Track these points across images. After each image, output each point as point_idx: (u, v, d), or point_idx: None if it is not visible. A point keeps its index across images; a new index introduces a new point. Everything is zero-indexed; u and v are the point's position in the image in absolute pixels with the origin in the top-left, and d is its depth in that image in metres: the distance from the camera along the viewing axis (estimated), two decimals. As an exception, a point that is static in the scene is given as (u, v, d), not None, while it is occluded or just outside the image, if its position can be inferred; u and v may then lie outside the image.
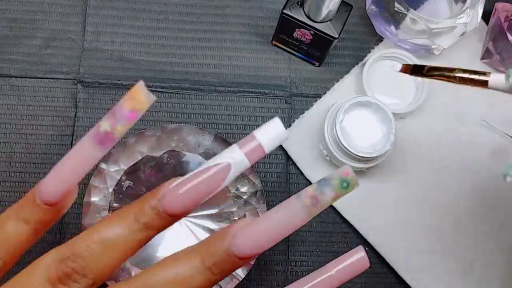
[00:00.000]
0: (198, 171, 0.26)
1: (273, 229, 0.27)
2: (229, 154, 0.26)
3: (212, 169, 0.26)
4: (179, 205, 0.26)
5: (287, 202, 0.27)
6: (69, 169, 0.26)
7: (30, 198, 0.27)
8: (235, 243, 0.26)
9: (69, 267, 0.25)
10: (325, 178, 0.27)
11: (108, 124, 0.24)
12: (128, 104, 0.24)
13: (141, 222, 0.26)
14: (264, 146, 0.26)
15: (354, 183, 0.27)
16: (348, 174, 0.27)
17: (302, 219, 0.27)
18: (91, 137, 0.25)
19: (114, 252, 0.26)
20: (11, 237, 0.27)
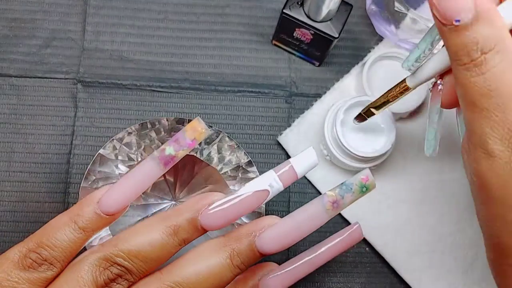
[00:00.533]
0: (239, 195, 0.28)
1: (296, 230, 0.28)
2: (268, 181, 0.29)
3: (253, 196, 0.28)
4: (218, 224, 0.28)
5: (310, 205, 0.29)
6: (133, 185, 0.29)
7: (88, 207, 0.28)
8: (260, 242, 0.28)
9: (114, 273, 0.27)
10: (346, 183, 0.29)
11: (173, 150, 0.29)
12: (191, 135, 0.29)
13: (180, 237, 0.28)
14: (298, 173, 0.29)
15: (372, 186, 0.29)
16: (368, 179, 0.29)
17: (322, 221, 0.29)
18: (157, 158, 0.29)
19: (153, 263, 0.28)
20: (70, 243, 0.28)
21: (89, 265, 0.27)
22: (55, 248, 0.27)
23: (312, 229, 0.29)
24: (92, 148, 0.42)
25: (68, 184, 0.42)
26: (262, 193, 0.29)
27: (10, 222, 0.41)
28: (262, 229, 0.28)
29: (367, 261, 0.42)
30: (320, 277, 0.42)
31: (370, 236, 0.42)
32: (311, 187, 0.43)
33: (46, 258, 0.27)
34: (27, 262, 0.27)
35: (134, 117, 0.43)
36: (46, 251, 0.27)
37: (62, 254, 0.27)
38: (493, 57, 0.24)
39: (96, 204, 0.28)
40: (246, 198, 0.28)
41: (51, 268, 0.27)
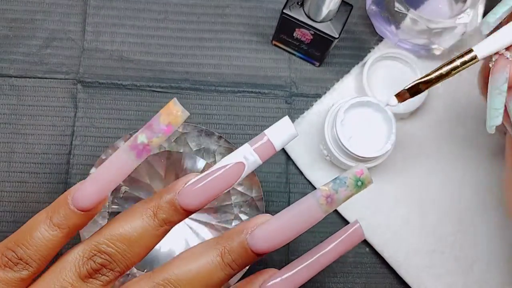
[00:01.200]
0: (214, 169, 0.27)
1: (289, 227, 0.28)
2: (242, 153, 0.27)
3: (227, 168, 0.27)
4: (196, 201, 0.27)
5: (303, 201, 0.28)
6: (106, 178, 0.28)
7: (62, 203, 0.28)
8: (252, 240, 0.27)
9: (97, 263, 0.27)
10: (340, 177, 0.28)
11: (145, 137, 0.26)
12: (165, 119, 0.26)
13: (160, 218, 0.27)
14: (274, 144, 0.27)
15: (368, 181, 0.28)
16: (363, 173, 0.27)
17: (317, 217, 0.28)
18: (129, 148, 0.27)
19: (136, 248, 0.27)
20: (44, 241, 0.27)
21: (73, 256, 0.27)
22: (30, 246, 0.27)
23: (307, 225, 0.28)
24: (92, 149, 0.42)
25: (68, 185, 0.42)
26: (237, 166, 0.27)
27: (10, 223, 0.41)
28: (254, 226, 0.28)
29: (367, 261, 0.42)
30: (321, 277, 0.42)
31: (370, 236, 0.42)
32: (311, 187, 0.43)
33: (21, 257, 0.27)
34: (3, 261, 0.27)
35: (134, 118, 0.43)
36: (22, 250, 0.27)
37: (38, 253, 0.27)
38: None
39: (70, 200, 0.27)
40: (221, 172, 0.27)
41: (26, 268, 0.27)
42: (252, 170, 0.28)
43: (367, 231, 0.42)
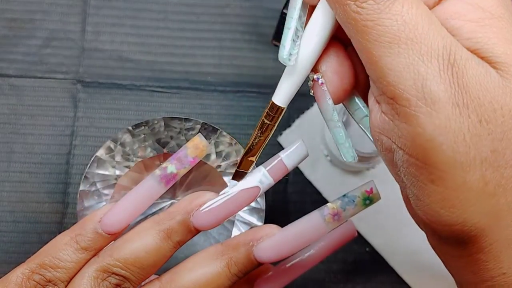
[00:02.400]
0: (230, 194, 0.28)
1: (294, 241, 0.28)
2: (258, 178, 0.28)
3: (244, 192, 0.28)
4: (211, 223, 0.29)
5: (309, 218, 0.29)
6: (135, 204, 0.29)
7: (89, 227, 0.29)
8: (258, 252, 0.28)
9: (112, 283, 0.27)
10: (348, 195, 0.28)
11: (175, 168, 0.29)
12: (192, 153, 0.29)
13: (174, 240, 0.28)
14: (288, 167, 0.29)
15: (377, 198, 0.29)
16: (372, 191, 0.28)
17: (322, 233, 0.29)
18: (159, 178, 0.29)
19: (150, 268, 0.28)
20: (73, 264, 0.28)
21: (88, 278, 0.27)
22: (58, 269, 0.27)
23: (311, 240, 0.29)
24: (92, 149, 0.42)
25: (68, 185, 0.42)
26: (253, 190, 0.28)
27: (9, 222, 0.41)
28: (260, 238, 0.29)
29: (367, 261, 0.42)
30: (321, 277, 0.42)
31: (370, 236, 0.42)
32: (311, 187, 0.43)
33: (50, 279, 0.27)
34: (31, 284, 0.27)
35: (134, 117, 0.43)
36: (50, 272, 0.27)
37: (66, 275, 0.28)
38: None
39: (97, 224, 0.28)
40: (237, 197, 0.28)
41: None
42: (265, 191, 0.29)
43: (367, 231, 0.42)
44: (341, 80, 0.24)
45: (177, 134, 0.38)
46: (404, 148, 0.21)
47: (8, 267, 0.40)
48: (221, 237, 0.39)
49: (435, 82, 0.20)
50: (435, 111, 0.20)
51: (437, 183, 0.21)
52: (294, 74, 0.25)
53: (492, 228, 0.21)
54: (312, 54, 0.24)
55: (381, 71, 0.21)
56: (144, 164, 0.38)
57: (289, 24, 0.24)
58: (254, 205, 0.37)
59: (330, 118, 0.25)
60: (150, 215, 0.39)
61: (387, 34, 0.20)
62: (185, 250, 0.38)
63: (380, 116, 0.22)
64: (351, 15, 0.21)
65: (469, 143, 0.20)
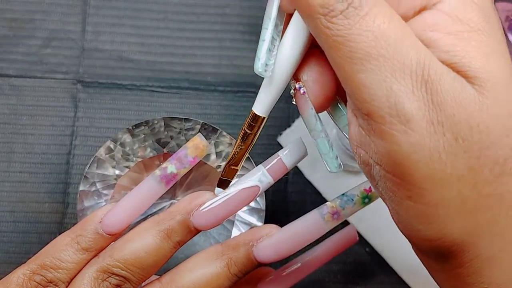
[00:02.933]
0: (230, 193, 0.28)
1: (294, 241, 0.28)
2: (257, 177, 0.29)
3: (244, 191, 0.28)
4: (211, 223, 0.29)
5: (309, 217, 0.29)
6: (135, 205, 0.29)
7: (89, 228, 0.29)
8: (258, 252, 0.28)
9: (112, 284, 0.27)
10: (347, 194, 0.28)
11: (175, 168, 0.29)
12: (192, 152, 0.29)
13: (174, 240, 0.28)
14: (287, 165, 0.29)
15: (375, 197, 0.29)
16: (371, 190, 0.28)
17: (321, 232, 0.29)
18: (159, 178, 0.29)
19: (150, 268, 0.28)
20: (74, 264, 0.28)
21: (88, 279, 0.27)
22: (59, 269, 0.27)
23: (311, 240, 0.29)
24: (92, 149, 0.42)
25: (68, 185, 0.42)
26: (252, 189, 0.28)
27: (9, 223, 0.41)
28: (260, 238, 0.29)
29: (367, 261, 0.42)
30: (321, 277, 0.42)
31: (370, 236, 0.42)
32: (311, 187, 0.43)
33: (51, 280, 0.27)
34: (32, 284, 0.27)
35: (134, 117, 0.43)
36: (51, 273, 0.27)
37: (67, 275, 0.28)
38: None
39: (98, 224, 0.28)
40: (237, 196, 0.28)
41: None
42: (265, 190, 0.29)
43: (367, 231, 0.42)
44: (323, 89, 0.24)
45: (177, 134, 0.38)
46: (380, 164, 0.21)
47: (8, 267, 0.40)
48: (221, 237, 0.39)
49: (408, 100, 0.19)
50: (410, 129, 0.19)
51: (414, 199, 0.20)
52: (272, 84, 0.25)
53: (473, 244, 0.21)
54: (290, 64, 0.24)
55: (355, 88, 0.20)
56: (144, 164, 0.38)
57: (263, 35, 0.23)
58: (254, 205, 0.37)
59: (313, 128, 0.25)
60: (150, 215, 0.39)
61: (358, 51, 0.20)
62: (185, 250, 0.38)
63: (358, 129, 0.22)
64: (322, 30, 0.20)
65: (445, 161, 0.20)
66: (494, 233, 0.21)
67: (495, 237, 0.21)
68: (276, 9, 0.23)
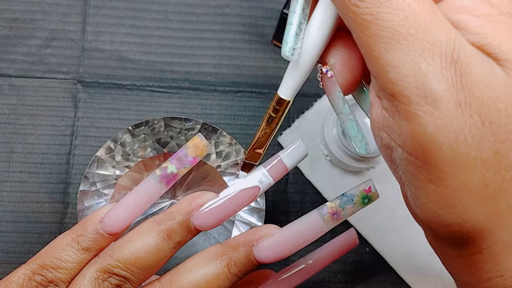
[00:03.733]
0: (230, 193, 0.28)
1: (294, 241, 0.28)
2: (258, 177, 0.29)
3: (244, 192, 0.28)
4: (211, 223, 0.29)
5: (309, 217, 0.29)
6: (135, 204, 0.29)
7: (89, 228, 0.29)
8: (258, 252, 0.28)
9: (113, 284, 0.27)
10: (347, 194, 0.28)
11: (175, 167, 0.29)
12: (193, 152, 0.29)
13: (175, 241, 0.28)
14: (287, 165, 0.29)
15: (375, 197, 0.29)
16: (370, 190, 0.28)
17: (320, 232, 0.29)
18: (159, 178, 0.29)
19: (150, 269, 0.28)
20: (75, 264, 0.28)
21: (88, 279, 0.27)
22: (60, 269, 0.27)
23: (311, 240, 0.29)
24: (92, 149, 0.42)
25: (68, 185, 0.42)
26: (253, 190, 0.28)
27: (10, 223, 0.41)
28: (260, 238, 0.29)
29: (367, 261, 0.42)
30: (321, 277, 0.42)
31: (370, 236, 0.42)
32: (311, 187, 0.43)
33: (51, 279, 0.27)
34: (32, 284, 0.27)
35: (134, 117, 0.43)
36: (51, 273, 0.27)
37: (67, 275, 0.28)
38: None
39: (98, 224, 0.28)
40: (237, 197, 0.28)
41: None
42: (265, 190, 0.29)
43: (367, 231, 0.42)
44: (350, 72, 0.24)
45: (177, 134, 0.38)
46: (403, 146, 0.21)
47: (8, 267, 0.41)
48: (221, 237, 0.39)
49: (436, 80, 0.19)
50: (436, 110, 0.19)
51: (436, 183, 0.20)
52: (299, 68, 0.24)
53: (492, 230, 0.21)
54: (317, 48, 0.24)
55: (381, 67, 0.20)
56: (144, 164, 0.38)
57: (291, 19, 0.23)
58: (254, 205, 0.37)
59: (341, 110, 0.25)
60: (150, 215, 0.39)
61: (387, 29, 0.19)
62: (185, 251, 0.38)
63: (381, 111, 0.21)
64: (350, 9, 0.20)
65: (470, 144, 0.19)
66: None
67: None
68: None
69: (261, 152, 0.28)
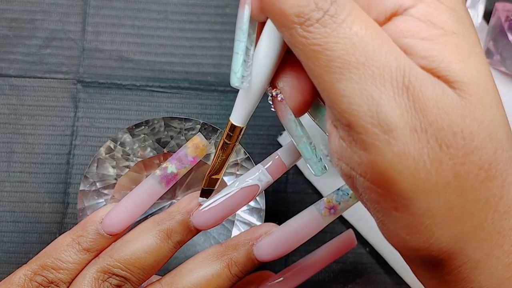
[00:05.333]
0: (230, 192, 0.28)
1: (293, 238, 0.29)
2: (257, 176, 0.29)
3: (243, 190, 0.28)
4: (211, 222, 0.29)
5: (306, 213, 0.29)
6: (135, 205, 0.29)
7: (90, 228, 0.29)
8: (258, 251, 0.28)
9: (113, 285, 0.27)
10: (342, 189, 0.29)
11: (175, 167, 0.29)
12: (192, 152, 0.29)
13: (175, 240, 0.28)
14: (286, 163, 0.29)
15: None
16: None
17: (319, 227, 0.29)
18: (159, 178, 0.29)
19: (151, 269, 0.28)
20: (75, 265, 0.29)
21: (89, 279, 0.27)
22: (60, 270, 0.28)
23: (310, 235, 0.29)
24: (92, 149, 0.42)
25: (68, 185, 0.42)
26: (252, 188, 0.29)
27: (10, 223, 0.41)
28: (259, 237, 0.29)
29: (367, 261, 0.42)
30: (321, 277, 0.42)
31: (370, 236, 0.42)
32: (311, 187, 0.43)
33: (52, 280, 0.27)
34: (33, 285, 0.27)
35: (134, 117, 0.43)
36: (52, 274, 0.27)
37: (68, 276, 0.28)
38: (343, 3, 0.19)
39: (99, 224, 0.29)
40: (236, 195, 0.28)
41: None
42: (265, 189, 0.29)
43: (367, 231, 0.42)
44: (300, 94, 0.23)
45: (177, 134, 0.38)
46: (364, 175, 0.20)
47: (8, 267, 0.41)
48: (221, 237, 0.39)
49: (390, 108, 0.19)
50: (393, 139, 0.19)
51: (401, 210, 0.20)
52: (249, 95, 0.24)
53: (460, 251, 0.21)
54: (266, 73, 0.23)
55: (334, 98, 0.20)
56: (144, 164, 0.38)
57: (237, 48, 0.23)
58: (254, 205, 0.37)
59: (294, 134, 0.25)
60: (150, 215, 0.39)
61: (337, 59, 0.19)
62: (185, 251, 0.38)
63: (338, 141, 0.21)
64: (298, 40, 0.20)
65: (430, 169, 0.19)
66: (481, 238, 0.21)
67: (482, 242, 0.21)
68: (247, 20, 0.23)
69: (218, 177, 0.28)
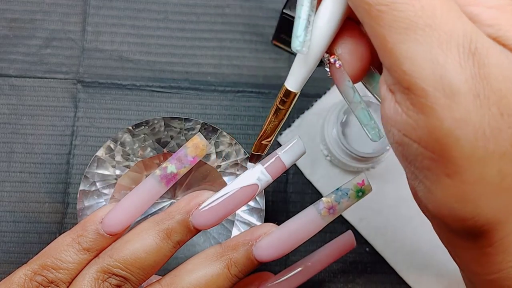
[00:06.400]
0: (229, 191, 0.28)
1: (293, 238, 0.29)
2: (256, 175, 0.28)
3: (242, 190, 0.28)
4: (211, 222, 0.29)
5: (305, 213, 0.29)
6: (135, 204, 0.29)
7: (90, 228, 0.29)
8: (257, 251, 0.28)
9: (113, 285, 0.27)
10: (341, 189, 0.29)
11: (175, 167, 0.29)
12: (192, 152, 0.29)
13: (174, 240, 0.28)
14: (285, 163, 0.29)
15: (368, 190, 0.29)
16: (364, 183, 0.28)
17: (318, 227, 0.29)
18: (159, 178, 0.29)
19: (150, 269, 0.28)
20: (75, 265, 0.28)
21: (88, 279, 0.27)
22: (60, 270, 0.27)
23: (309, 235, 0.29)
24: (92, 149, 0.42)
25: (68, 185, 0.42)
26: (251, 188, 0.28)
27: (10, 223, 0.41)
28: (258, 237, 0.29)
29: (367, 261, 0.42)
30: (321, 277, 0.42)
31: (370, 236, 0.42)
32: (311, 187, 0.43)
33: (52, 280, 0.27)
34: (33, 285, 0.27)
35: (134, 117, 0.43)
36: (52, 273, 0.27)
37: (68, 276, 0.28)
38: None
39: (99, 224, 0.28)
40: (235, 195, 0.28)
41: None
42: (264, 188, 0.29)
43: (367, 231, 0.42)
44: (358, 61, 0.23)
45: (177, 134, 0.38)
46: (418, 141, 0.20)
47: (8, 267, 0.41)
48: (221, 237, 0.39)
49: (455, 72, 0.19)
50: (455, 104, 0.19)
51: (453, 177, 0.20)
52: (307, 60, 0.24)
53: (504, 222, 0.20)
54: (326, 40, 0.23)
55: (396, 59, 0.19)
56: (144, 164, 0.38)
57: (299, 12, 0.23)
58: (253, 205, 0.37)
59: (352, 100, 0.25)
60: (150, 215, 0.39)
61: (403, 20, 0.19)
62: (185, 251, 0.38)
63: (394, 106, 0.21)
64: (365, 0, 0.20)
65: (489, 137, 0.19)
66: None
67: None
68: None
69: (268, 142, 0.28)
